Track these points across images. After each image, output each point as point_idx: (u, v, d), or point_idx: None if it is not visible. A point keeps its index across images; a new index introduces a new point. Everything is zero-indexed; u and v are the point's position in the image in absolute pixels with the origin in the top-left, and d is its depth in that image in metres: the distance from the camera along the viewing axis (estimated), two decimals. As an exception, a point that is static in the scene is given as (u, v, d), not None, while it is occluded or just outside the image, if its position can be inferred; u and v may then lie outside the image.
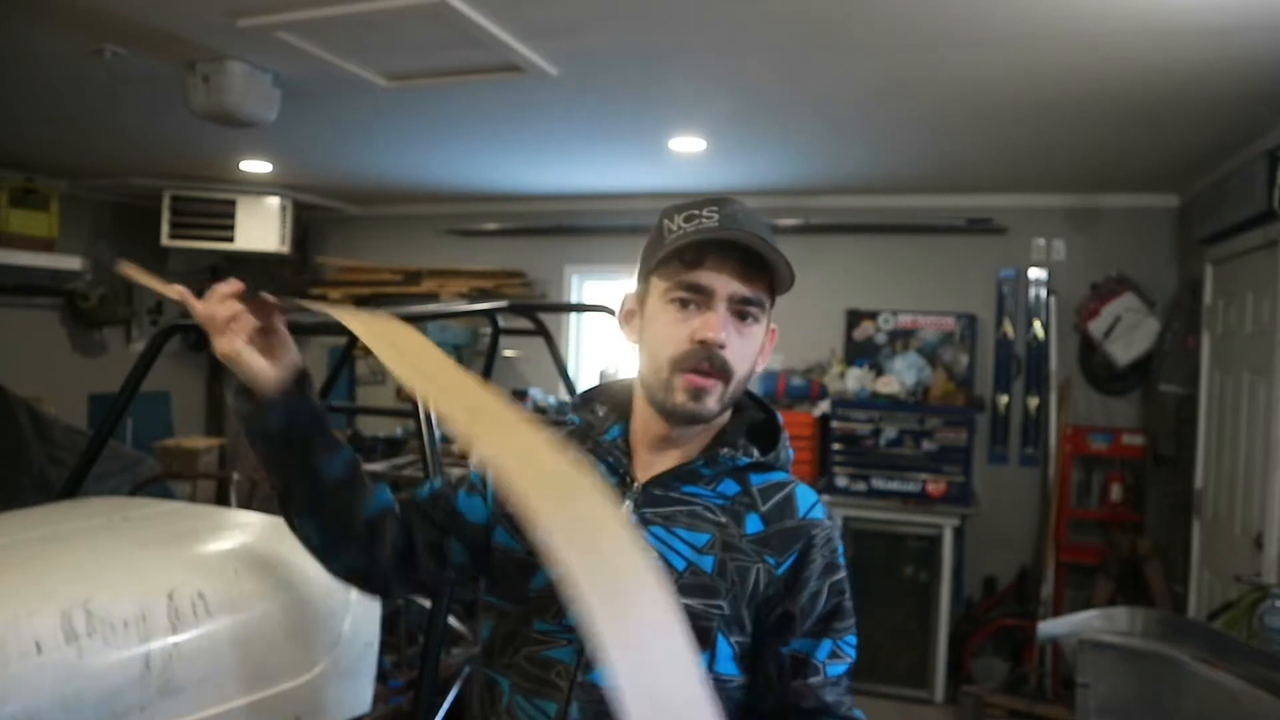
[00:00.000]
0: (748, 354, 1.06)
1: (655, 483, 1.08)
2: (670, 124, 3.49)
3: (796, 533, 1.07)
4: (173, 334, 2.24)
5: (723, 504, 1.08)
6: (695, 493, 1.08)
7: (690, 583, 1.02)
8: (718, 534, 1.05)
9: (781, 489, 1.10)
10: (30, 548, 1.56)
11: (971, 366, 4.61)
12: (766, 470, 1.11)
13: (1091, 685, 2.00)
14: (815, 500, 1.11)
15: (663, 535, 1.05)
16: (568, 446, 1.04)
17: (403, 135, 3.79)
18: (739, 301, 1.04)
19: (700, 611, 1.01)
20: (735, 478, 1.09)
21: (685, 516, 1.06)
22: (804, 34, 2.43)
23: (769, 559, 1.05)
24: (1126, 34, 2.31)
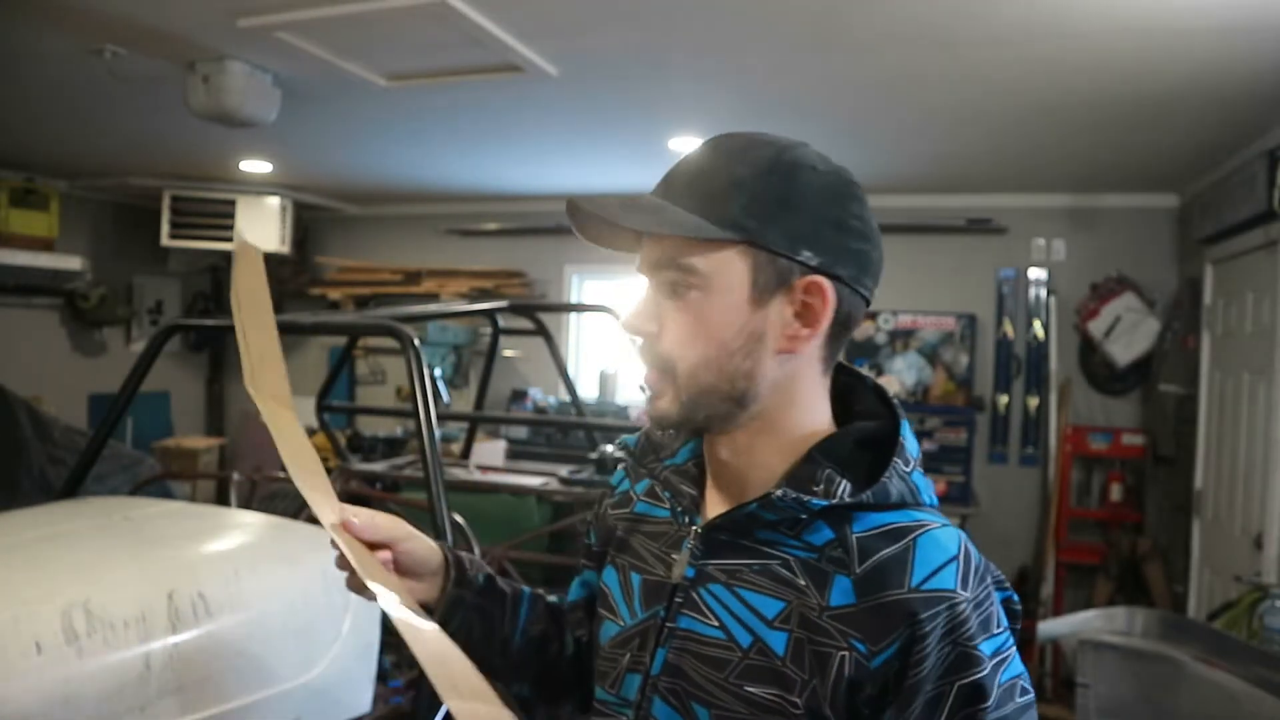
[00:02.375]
0: (697, 336, 0.79)
1: (720, 526, 0.82)
2: (670, 124, 3.49)
3: (900, 610, 0.73)
4: (173, 334, 2.24)
5: (808, 558, 0.78)
6: (774, 540, 0.80)
7: (757, 664, 0.77)
8: (795, 603, 0.77)
9: (897, 539, 0.77)
10: (30, 548, 1.56)
11: (971, 366, 4.61)
12: (886, 509, 0.79)
13: (1091, 685, 2.00)
14: (947, 559, 0.75)
15: (724, 596, 0.80)
16: (628, 478, 0.97)
17: (403, 135, 3.79)
18: (654, 270, 0.82)
19: (768, 703, 0.76)
20: (831, 520, 0.78)
21: (754, 574, 0.80)
22: (804, 34, 2.43)
23: (858, 645, 0.74)
24: (1126, 34, 2.31)
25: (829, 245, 0.79)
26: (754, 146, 0.81)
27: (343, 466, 3.19)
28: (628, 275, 5.33)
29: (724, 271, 0.78)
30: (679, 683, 0.81)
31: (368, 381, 5.81)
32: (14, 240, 4.53)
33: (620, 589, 0.90)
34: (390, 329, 2.10)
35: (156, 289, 5.86)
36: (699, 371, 0.79)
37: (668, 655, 0.82)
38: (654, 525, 0.90)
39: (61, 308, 5.25)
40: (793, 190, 0.79)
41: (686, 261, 0.78)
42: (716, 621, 0.80)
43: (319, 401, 3.26)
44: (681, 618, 0.82)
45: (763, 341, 0.79)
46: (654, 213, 0.79)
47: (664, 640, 0.83)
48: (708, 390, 0.80)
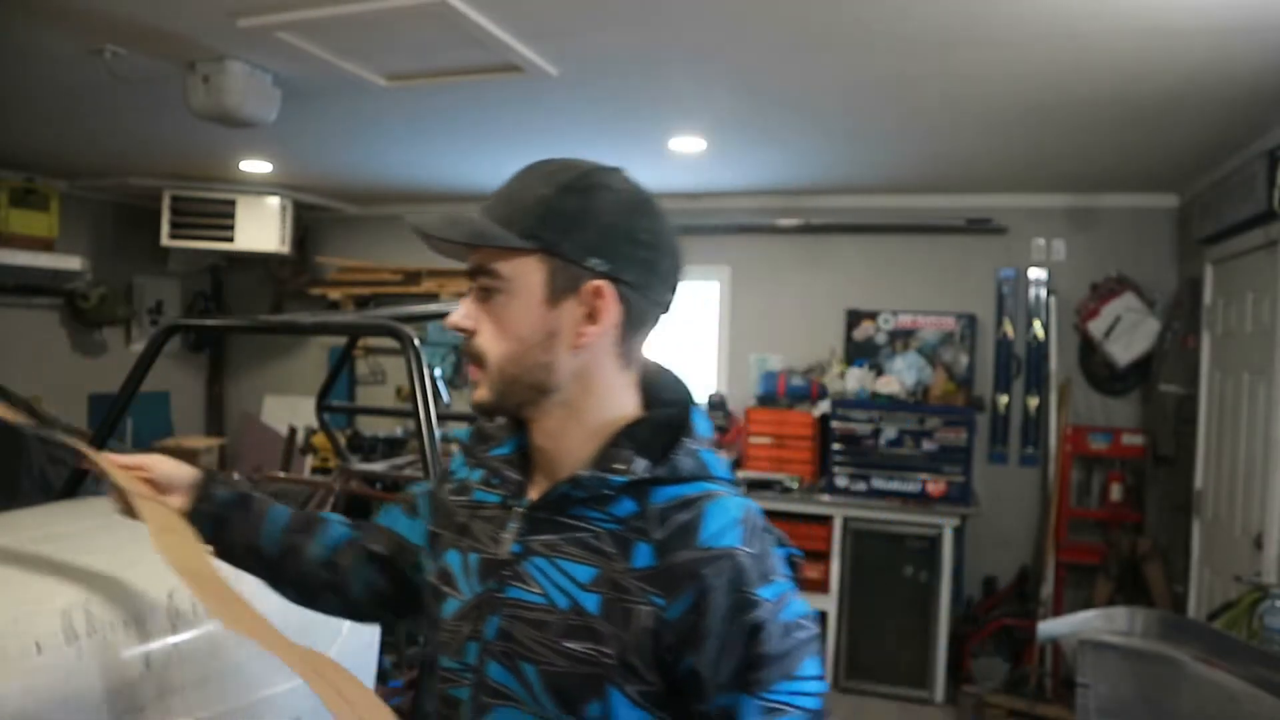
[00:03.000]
0: (502, 331, 0.92)
1: (542, 505, 0.95)
2: (670, 124, 3.49)
3: (690, 567, 0.86)
4: (173, 334, 2.24)
5: (614, 529, 0.90)
6: (585, 515, 0.92)
7: (575, 624, 0.88)
8: (604, 568, 0.89)
9: (689, 507, 0.89)
10: (30, 548, 1.56)
11: (971, 366, 4.61)
12: (678, 483, 0.91)
13: (1091, 685, 2.00)
14: (733, 521, 0.88)
15: (545, 568, 0.92)
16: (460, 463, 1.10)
17: (403, 135, 3.79)
18: (472, 275, 0.94)
19: (584, 656, 0.87)
20: (634, 495, 0.91)
21: (570, 545, 0.92)
22: (804, 34, 2.43)
23: (656, 599, 0.86)
24: (1126, 34, 2.31)
25: (616, 254, 0.91)
26: (563, 170, 0.95)
27: (343, 466, 3.19)
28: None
29: (523, 276, 0.91)
30: (510, 645, 0.92)
31: (368, 381, 5.82)
32: (14, 240, 4.52)
33: (462, 568, 1.00)
34: (390, 329, 2.10)
35: (156, 289, 5.86)
36: (504, 364, 0.93)
37: (500, 623, 0.93)
38: (488, 510, 1.01)
39: (61, 308, 5.25)
40: (588, 207, 0.91)
41: (493, 267, 0.92)
42: (539, 589, 0.92)
43: (319, 401, 3.26)
44: (509, 588, 0.94)
45: (557, 338, 0.92)
46: (461, 224, 0.93)
47: (496, 609, 0.94)
48: (512, 380, 0.93)
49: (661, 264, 0.94)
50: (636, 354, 0.97)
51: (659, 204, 0.95)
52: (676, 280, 0.97)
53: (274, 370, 6.16)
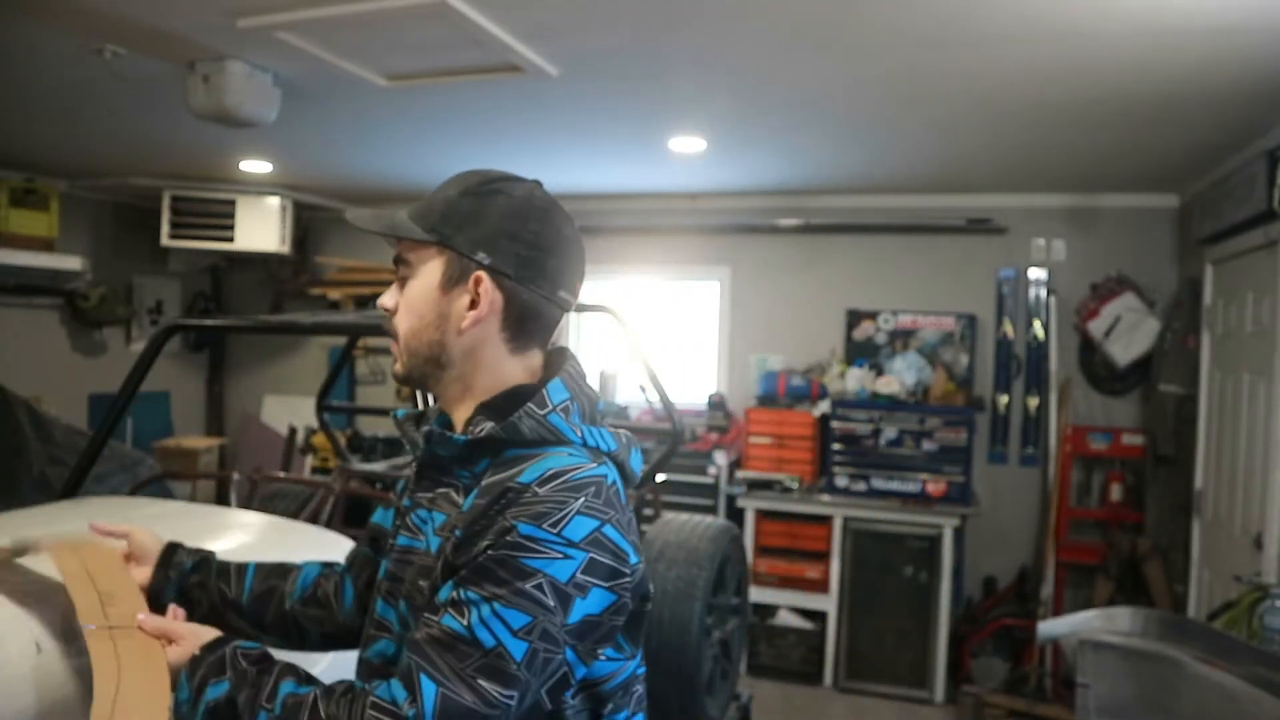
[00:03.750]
0: (408, 311, 1.07)
1: (423, 463, 1.11)
2: (670, 124, 3.49)
3: (481, 490, 0.97)
4: (173, 334, 2.24)
5: (468, 484, 1.04)
6: (456, 474, 1.06)
7: (427, 564, 1.02)
8: (453, 515, 1.02)
9: (521, 461, 0.98)
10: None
11: (971, 366, 4.61)
12: (528, 445, 1.00)
13: (1091, 685, 2.00)
14: (544, 470, 0.95)
15: (425, 516, 1.08)
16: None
17: (403, 135, 3.79)
18: (395, 263, 1.10)
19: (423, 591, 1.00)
20: (491, 457, 1.02)
21: (440, 501, 1.07)
22: (804, 34, 2.43)
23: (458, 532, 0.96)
24: (1126, 34, 2.31)
25: (497, 250, 1.03)
26: (473, 177, 1.07)
27: (342, 466, 3.19)
28: (626, 275, 5.34)
29: (425, 264, 1.06)
30: (391, 584, 1.08)
31: (368, 381, 5.82)
32: (14, 240, 4.52)
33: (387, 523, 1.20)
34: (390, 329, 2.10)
35: (156, 289, 5.86)
36: (407, 338, 1.08)
37: (389, 566, 1.09)
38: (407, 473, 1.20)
39: (61, 308, 5.25)
40: (482, 208, 1.04)
41: (406, 256, 1.08)
42: (421, 535, 1.06)
43: (319, 401, 3.26)
44: (399, 536, 1.10)
45: (448, 320, 1.05)
46: (382, 219, 1.08)
47: (387, 554, 1.11)
48: (412, 353, 1.08)
49: (547, 263, 1.05)
50: (533, 341, 1.08)
51: (557, 213, 1.07)
52: (569, 280, 1.08)
53: (274, 370, 6.16)
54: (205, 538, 1.80)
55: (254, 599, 1.24)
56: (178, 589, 1.22)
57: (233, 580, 1.24)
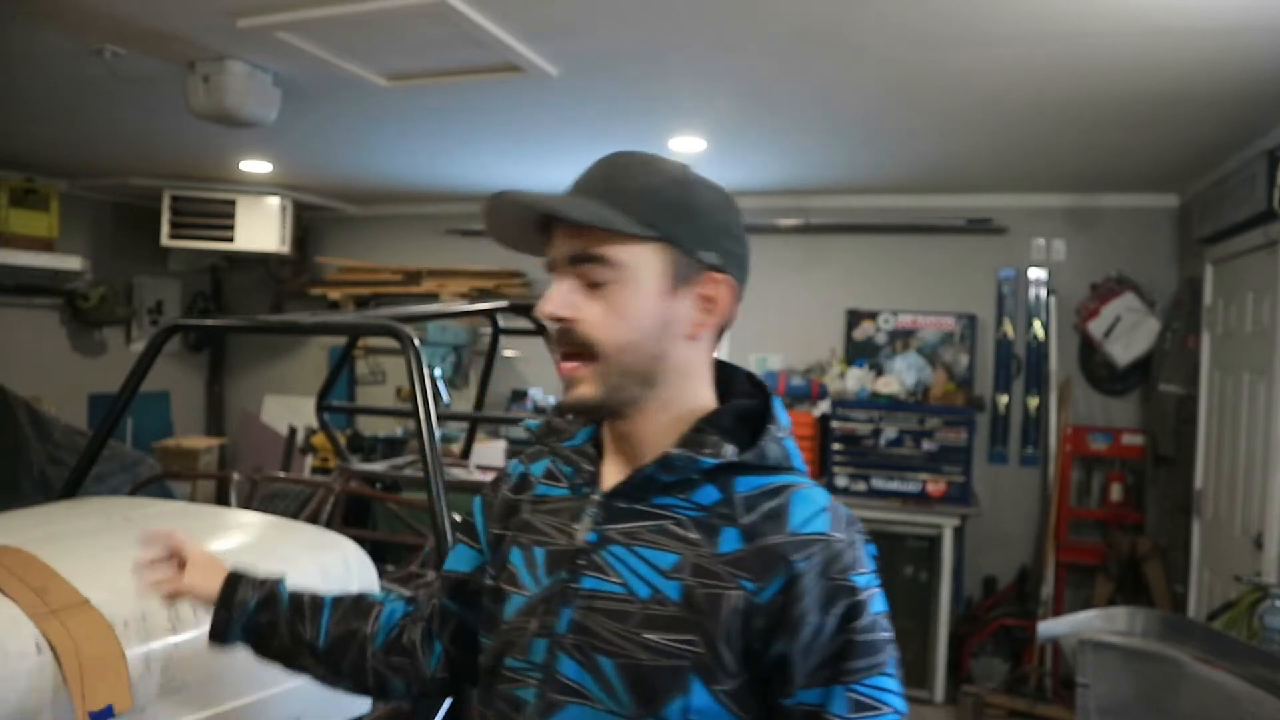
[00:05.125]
0: (617, 320, 0.88)
1: (619, 493, 0.92)
2: (670, 124, 3.49)
3: (781, 550, 0.85)
4: (173, 334, 2.24)
5: (698, 516, 0.89)
6: (667, 504, 0.90)
7: (655, 614, 0.86)
8: (687, 554, 0.87)
9: (775, 496, 0.88)
10: (30, 548, 1.56)
11: (971, 366, 4.61)
12: (763, 472, 0.90)
13: (1091, 685, 2.00)
14: (819, 509, 0.88)
15: (624, 556, 0.89)
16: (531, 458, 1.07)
17: (403, 135, 3.79)
18: (574, 263, 0.90)
19: (666, 648, 0.84)
20: (717, 483, 0.89)
21: (650, 533, 0.89)
22: (804, 34, 2.43)
23: (746, 584, 0.84)
24: (1127, 34, 2.31)
25: (721, 248, 0.92)
26: (656, 162, 0.94)
27: (343, 466, 3.19)
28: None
29: (641, 264, 0.89)
30: (584, 638, 0.88)
31: (368, 381, 5.81)
32: (14, 240, 4.52)
33: (524, 564, 0.97)
34: (390, 329, 2.10)
35: (156, 289, 5.86)
36: (621, 354, 0.89)
37: (573, 614, 0.90)
38: (554, 503, 0.99)
39: (61, 308, 5.25)
40: (693, 200, 0.91)
41: (604, 253, 0.88)
42: (618, 578, 0.89)
43: (319, 401, 3.26)
44: (585, 578, 0.90)
45: (670, 328, 0.90)
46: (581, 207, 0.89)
47: (569, 601, 0.91)
48: (626, 372, 0.90)
49: (748, 260, 0.96)
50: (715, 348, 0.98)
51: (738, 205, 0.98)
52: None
53: (274, 370, 6.16)
54: (205, 538, 1.80)
55: (331, 643, 1.12)
56: (244, 629, 1.13)
57: (307, 620, 1.12)
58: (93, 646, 1.04)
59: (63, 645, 1.05)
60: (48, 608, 1.12)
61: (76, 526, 1.74)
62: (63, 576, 1.20)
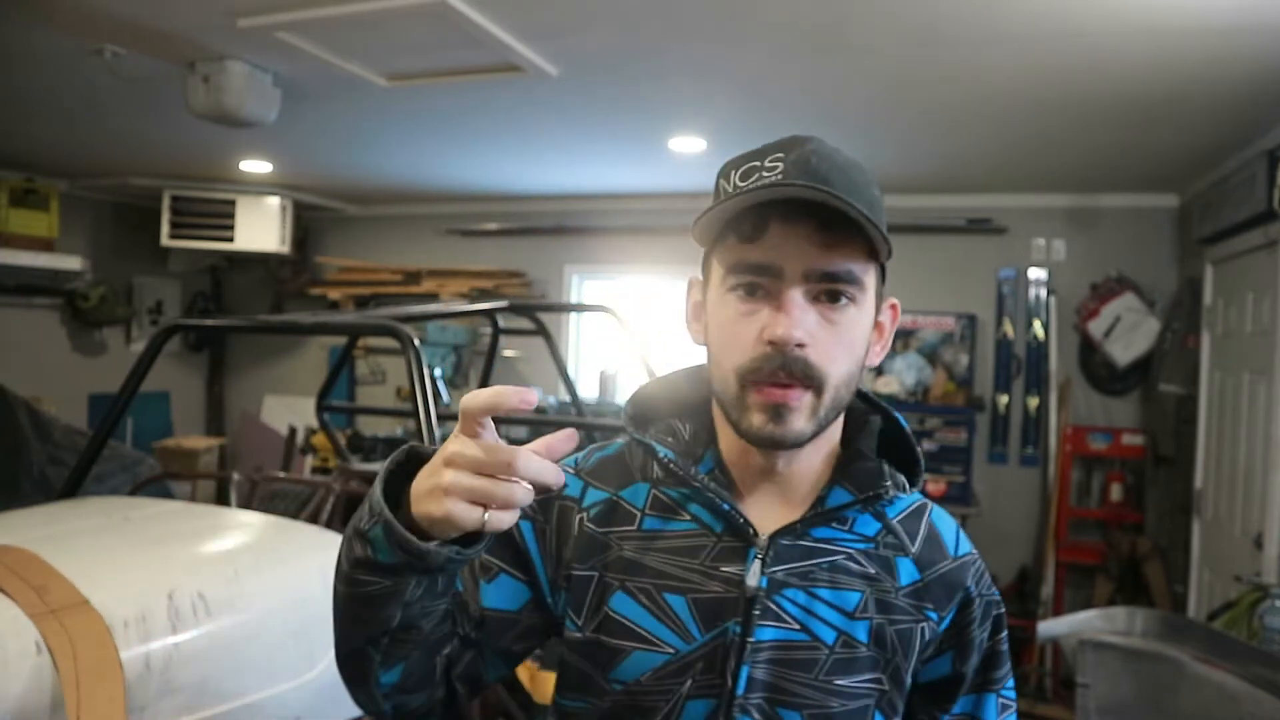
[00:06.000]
0: (845, 349, 0.78)
1: (784, 531, 0.83)
2: (670, 124, 3.49)
3: (955, 577, 0.86)
4: (173, 334, 2.24)
5: (867, 548, 0.84)
6: (831, 537, 0.83)
7: (843, 657, 0.81)
8: (870, 591, 0.82)
9: (919, 519, 0.88)
10: (30, 547, 1.56)
11: (971, 366, 4.61)
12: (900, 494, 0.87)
13: (1091, 685, 2.00)
14: (957, 527, 0.91)
15: (803, 601, 0.81)
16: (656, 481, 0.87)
17: (403, 135, 3.79)
18: (820, 279, 0.77)
19: (856, 691, 0.81)
20: (871, 511, 0.86)
21: (826, 572, 0.82)
22: (804, 34, 2.43)
23: (931, 614, 0.84)
24: (1127, 34, 2.31)
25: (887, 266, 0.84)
26: (838, 154, 0.81)
27: (343, 466, 3.19)
28: (626, 275, 5.34)
29: (870, 286, 0.80)
30: (768, 695, 0.80)
31: (368, 381, 5.81)
32: (14, 240, 4.52)
33: (651, 615, 0.83)
34: (390, 329, 2.10)
35: (156, 289, 5.86)
36: (842, 387, 0.80)
37: (753, 671, 0.80)
38: (675, 540, 0.84)
39: (61, 308, 5.25)
40: (880, 203, 0.82)
41: (855, 272, 0.78)
42: (798, 624, 0.81)
43: (319, 401, 3.26)
44: (761, 629, 0.81)
45: (866, 356, 0.83)
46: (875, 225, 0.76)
47: (743, 657, 0.80)
48: (839, 407, 0.81)
49: None
50: None
51: None
52: None
53: (274, 370, 6.16)
54: (205, 538, 1.80)
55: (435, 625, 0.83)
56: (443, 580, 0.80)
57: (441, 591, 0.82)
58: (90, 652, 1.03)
59: (60, 650, 1.04)
60: (47, 607, 1.12)
61: (76, 526, 1.74)
62: (62, 576, 1.19)
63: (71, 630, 1.08)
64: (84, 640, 1.07)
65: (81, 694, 1.01)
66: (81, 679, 1.00)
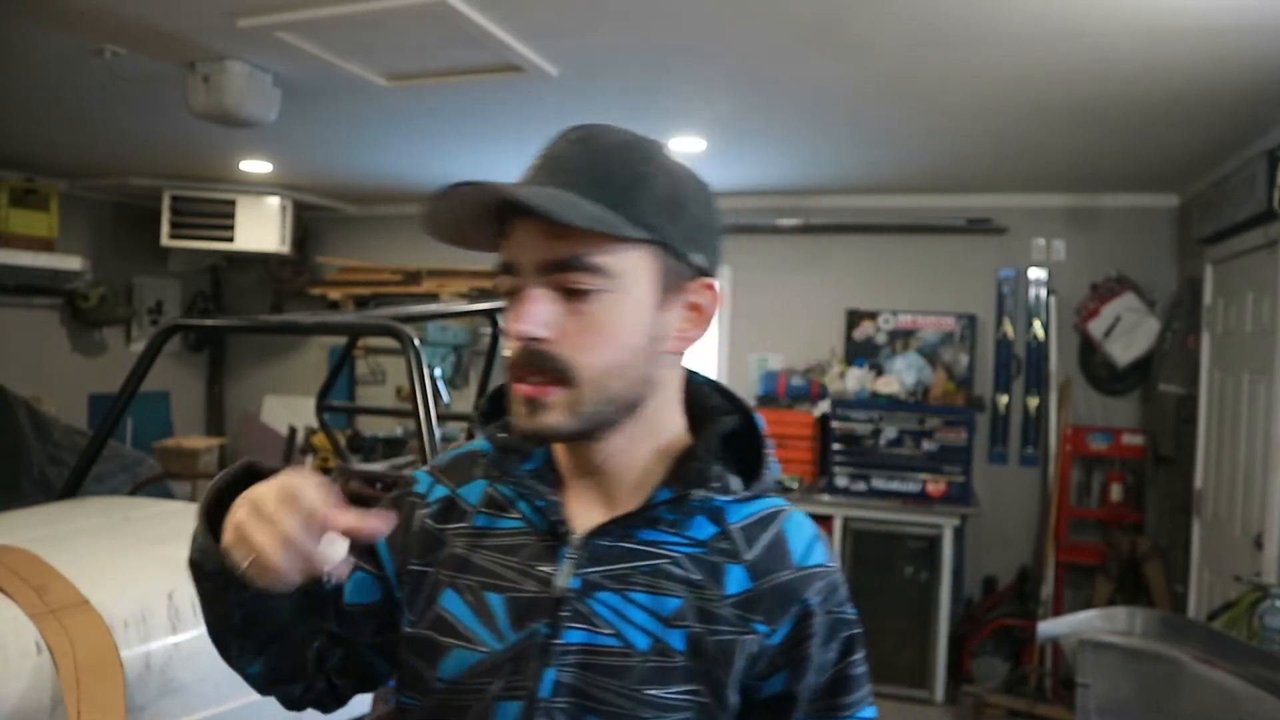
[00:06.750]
0: (600, 339, 0.75)
1: (602, 531, 0.80)
2: (670, 124, 3.49)
3: (793, 588, 0.79)
4: (173, 334, 2.24)
5: (695, 553, 0.80)
6: (657, 540, 0.80)
7: (657, 666, 0.77)
8: (691, 598, 0.78)
9: (768, 525, 0.82)
10: (30, 548, 1.56)
11: (971, 366, 4.61)
12: (753, 498, 0.83)
13: (1091, 685, 2.00)
14: (813, 536, 0.83)
15: (617, 605, 0.78)
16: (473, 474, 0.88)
17: (403, 135, 3.79)
18: (555, 270, 0.75)
19: (670, 702, 0.76)
20: (709, 514, 0.81)
21: (645, 575, 0.79)
22: (804, 34, 2.43)
23: (759, 626, 0.79)
24: (1126, 34, 2.31)
25: (709, 247, 0.81)
26: (641, 143, 0.80)
27: (342, 466, 3.19)
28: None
29: (634, 272, 0.76)
30: (576, 701, 0.77)
31: (368, 381, 5.81)
32: (14, 240, 4.52)
33: (473, 612, 0.82)
34: (390, 329, 2.10)
35: (156, 289, 5.86)
36: (605, 379, 0.76)
37: (559, 675, 0.77)
38: (502, 538, 0.84)
39: (61, 308, 5.25)
40: (681, 191, 0.79)
41: (595, 261, 0.75)
42: (611, 629, 0.78)
43: (319, 401, 3.26)
44: (570, 632, 0.78)
45: (658, 344, 0.79)
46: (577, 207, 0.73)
47: (549, 659, 0.78)
48: (612, 398, 0.77)
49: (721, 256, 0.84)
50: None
51: None
52: None
53: (274, 370, 6.16)
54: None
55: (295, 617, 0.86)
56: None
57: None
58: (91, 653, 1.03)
59: (60, 650, 1.04)
60: (47, 607, 1.12)
61: (76, 526, 1.75)
62: (63, 576, 1.19)
63: (71, 630, 1.08)
64: (84, 640, 1.07)
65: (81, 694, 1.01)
66: (81, 679, 0.99)
